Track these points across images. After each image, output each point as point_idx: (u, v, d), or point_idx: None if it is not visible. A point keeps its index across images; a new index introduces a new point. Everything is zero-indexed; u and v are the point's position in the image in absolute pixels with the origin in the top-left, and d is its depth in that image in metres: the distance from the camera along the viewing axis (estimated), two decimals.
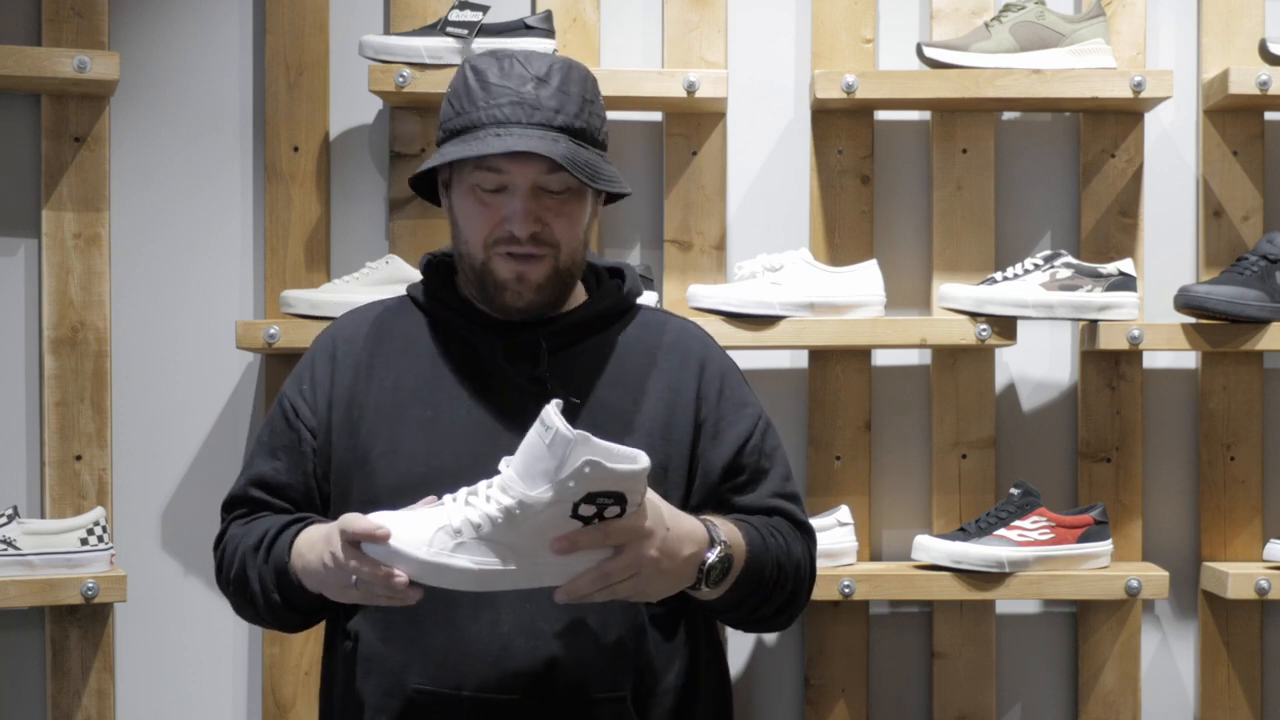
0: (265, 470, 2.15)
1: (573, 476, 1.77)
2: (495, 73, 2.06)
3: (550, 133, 2.03)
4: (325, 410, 2.14)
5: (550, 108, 2.04)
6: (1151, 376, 3.11)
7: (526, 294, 2.08)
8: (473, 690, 2.02)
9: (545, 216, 2.06)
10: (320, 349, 2.19)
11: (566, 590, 1.85)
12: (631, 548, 1.85)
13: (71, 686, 2.97)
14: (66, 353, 3.00)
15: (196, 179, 3.10)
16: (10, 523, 2.83)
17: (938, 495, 3.08)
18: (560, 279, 2.10)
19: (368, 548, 1.85)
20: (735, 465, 2.15)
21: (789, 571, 2.11)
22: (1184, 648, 3.12)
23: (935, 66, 2.97)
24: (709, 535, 1.97)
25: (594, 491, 1.79)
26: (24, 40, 3.01)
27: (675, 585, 1.94)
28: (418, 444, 2.08)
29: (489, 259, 2.08)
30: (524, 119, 2.03)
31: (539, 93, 2.04)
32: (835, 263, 3.05)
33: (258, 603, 2.08)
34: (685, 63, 3.07)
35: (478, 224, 2.08)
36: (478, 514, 1.82)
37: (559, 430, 1.76)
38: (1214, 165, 3.09)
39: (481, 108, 2.05)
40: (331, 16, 3.08)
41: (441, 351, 2.13)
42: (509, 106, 2.04)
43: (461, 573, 1.82)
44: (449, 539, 1.82)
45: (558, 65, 2.08)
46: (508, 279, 2.07)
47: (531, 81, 2.05)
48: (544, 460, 1.78)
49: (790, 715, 3.11)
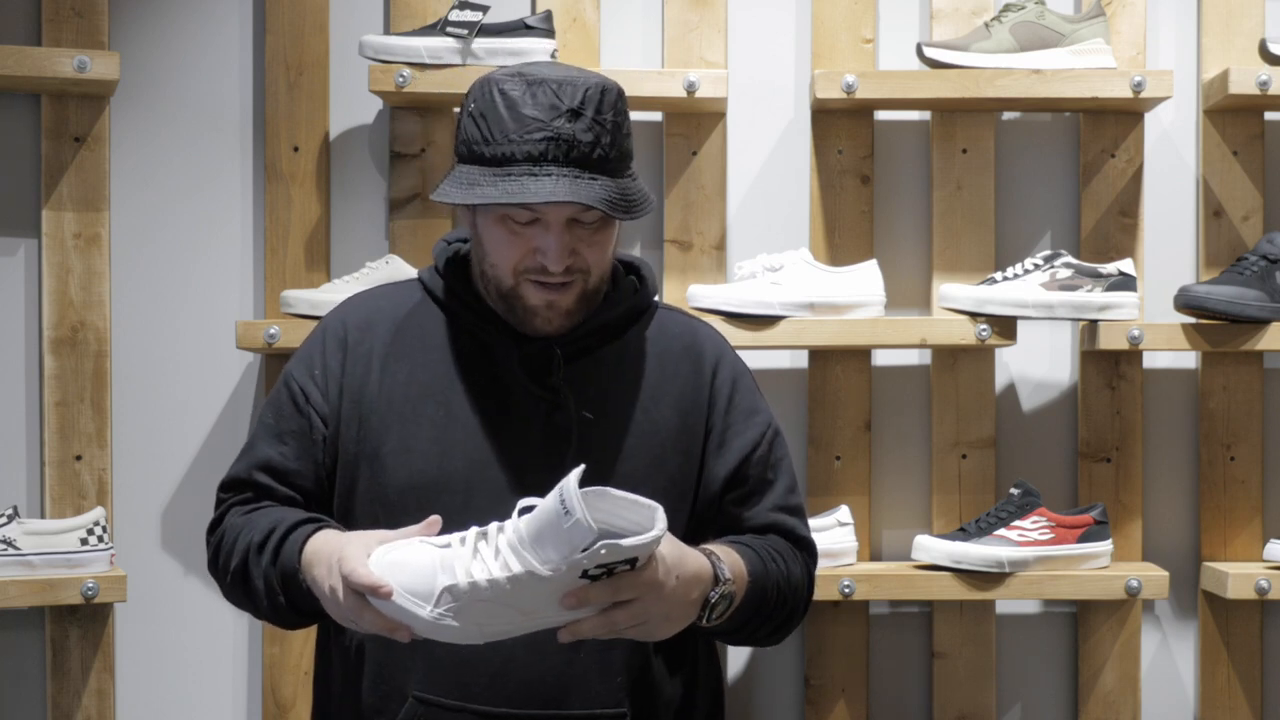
0: (272, 455, 2.11)
1: (588, 557, 1.74)
2: (528, 101, 1.98)
3: (586, 173, 1.98)
4: (336, 398, 2.10)
5: (586, 143, 1.98)
6: (1151, 376, 3.11)
7: (556, 320, 2.06)
8: (473, 701, 2.01)
9: (578, 247, 2.03)
10: (331, 333, 2.14)
11: (570, 631, 1.83)
12: (640, 600, 1.83)
13: (71, 686, 2.97)
14: (66, 353, 3.00)
15: (196, 179, 3.10)
16: (10, 523, 2.83)
17: (938, 495, 3.08)
18: (588, 300, 2.08)
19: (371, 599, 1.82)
20: (739, 476, 2.13)
21: (788, 595, 2.11)
22: (1184, 648, 3.12)
23: (935, 66, 2.97)
24: (714, 574, 1.95)
25: (605, 563, 1.77)
26: (24, 40, 3.01)
27: (679, 626, 1.93)
28: (429, 444, 2.06)
29: (518, 284, 2.04)
30: (560, 157, 1.97)
31: (574, 127, 1.97)
32: (835, 263, 3.05)
33: (259, 601, 2.04)
34: (685, 63, 3.07)
35: (507, 252, 2.03)
36: (484, 574, 1.77)
37: (579, 520, 1.72)
38: (1214, 165, 3.09)
39: (514, 141, 1.98)
40: (331, 16, 3.08)
41: (457, 350, 2.11)
42: (543, 143, 1.97)
43: (465, 632, 1.80)
44: (452, 600, 1.78)
45: (591, 92, 1.99)
46: (538, 306, 2.04)
47: (565, 116, 1.97)
48: (559, 538, 1.74)
49: (790, 715, 3.11)
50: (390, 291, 2.20)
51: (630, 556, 1.76)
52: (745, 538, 2.11)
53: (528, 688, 2.00)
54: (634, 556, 1.77)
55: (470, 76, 2.90)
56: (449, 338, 2.12)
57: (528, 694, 2.00)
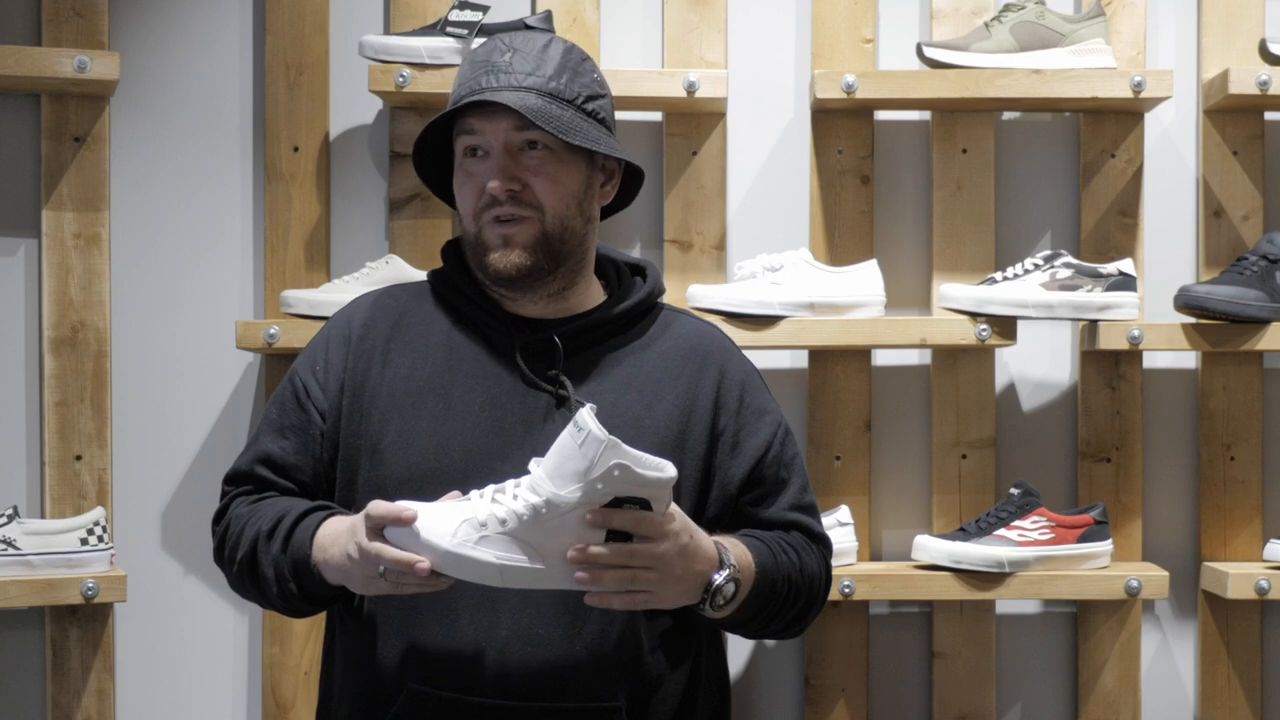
0: (273, 449, 2.13)
1: (602, 479, 1.80)
2: (482, 52, 2.11)
3: (519, 92, 2.06)
4: (336, 393, 2.12)
5: (522, 71, 2.07)
6: (1151, 376, 3.11)
7: (512, 256, 2.08)
8: (469, 694, 2.01)
9: (524, 176, 2.07)
10: (336, 330, 2.17)
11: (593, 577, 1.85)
12: (656, 540, 1.86)
13: (71, 686, 2.97)
14: (66, 353, 3.00)
15: (196, 179, 3.10)
16: (10, 523, 2.83)
17: (938, 495, 3.08)
18: (549, 244, 2.09)
19: (391, 533, 1.86)
20: (754, 478, 2.14)
21: (801, 588, 2.11)
22: (1184, 648, 3.12)
23: (935, 66, 2.97)
24: (719, 558, 1.97)
25: (621, 496, 1.82)
26: (24, 40, 3.01)
27: (683, 598, 1.94)
28: (428, 437, 2.07)
29: (480, 229, 2.09)
30: (495, 84, 2.07)
31: (512, 60, 2.08)
32: (835, 263, 3.05)
33: (268, 589, 2.06)
34: (685, 63, 3.07)
35: (466, 194, 2.11)
36: (504, 510, 1.84)
37: (592, 432, 1.79)
38: (1214, 165, 3.09)
39: (464, 82, 2.10)
40: (331, 16, 3.08)
41: (457, 343, 2.12)
42: (484, 76, 2.08)
43: (484, 566, 1.84)
44: (473, 531, 1.84)
45: (541, 40, 2.12)
46: (494, 242, 2.08)
47: (509, 53, 2.09)
48: (574, 461, 1.81)
49: (790, 715, 3.11)
50: (397, 290, 2.23)
51: (643, 496, 1.83)
52: (756, 531, 2.12)
53: (523, 680, 2.01)
54: (647, 499, 1.84)
55: None
56: (450, 331, 2.14)
57: (523, 686, 2.01)
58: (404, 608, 2.04)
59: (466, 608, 2.01)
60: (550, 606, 2.01)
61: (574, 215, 2.11)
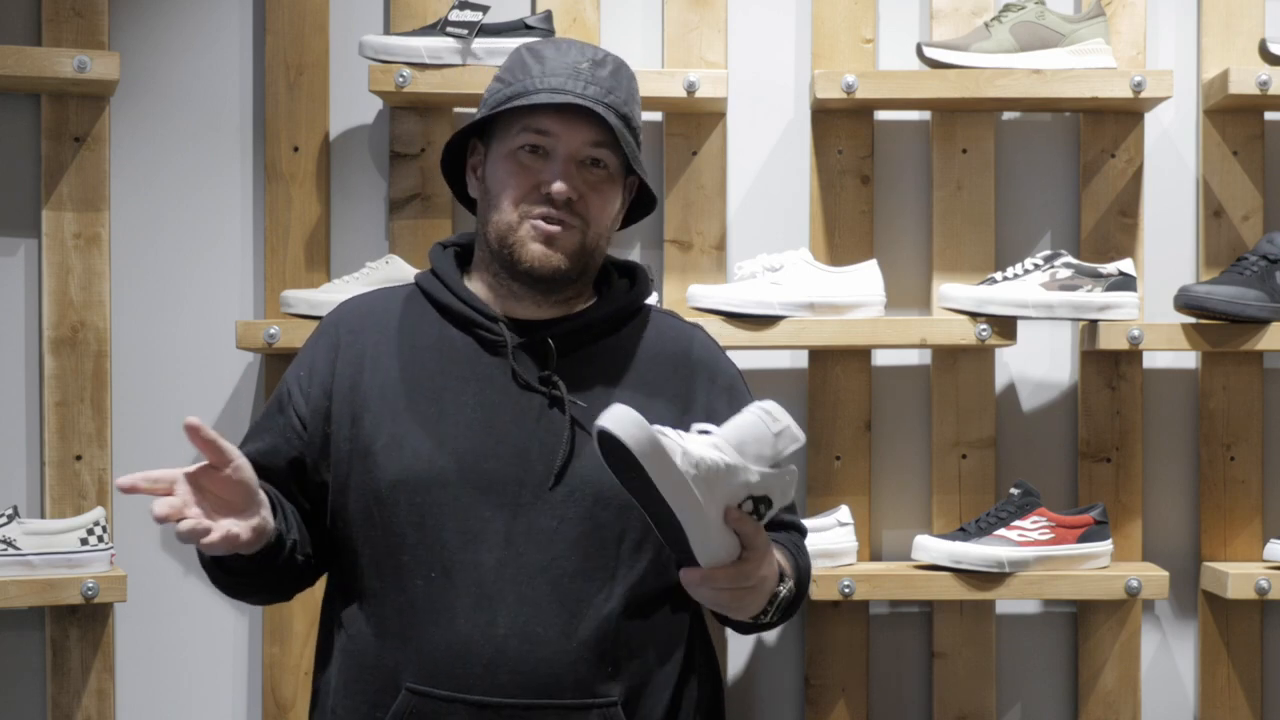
0: (249, 450, 2.13)
1: (776, 472, 1.85)
2: (551, 51, 2.10)
3: (602, 106, 2.07)
4: (322, 400, 2.13)
5: (605, 85, 2.09)
6: (1151, 376, 3.11)
7: (554, 259, 2.08)
8: (466, 693, 2.02)
9: (582, 190, 2.09)
10: (324, 335, 2.18)
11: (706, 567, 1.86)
12: (758, 558, 1.90)
13: (71, 686, 2.97)
14: (66, 353, 3.00)
15: (196, 179, 3.10)
16: (10, 523, 2.83)
17: (938, 495, 3.08)
18: (584, 255, 2.11)
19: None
20: None
21: (807, 587, 2.18)
22: (1184, 648, 3.12)
23: (935, 66, 2.97)
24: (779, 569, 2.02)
25: (766, 494, 1.87)
26: (24, 40, 3.01)
27: (754, 607, 1.98)
28: (421, 440, 2.07)
29: (519, 221, 2.08)
30: (579, 89, 2.07)
31: (595, 72, 2.08)
32: (835, 263, 3.05)
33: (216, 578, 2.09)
34: (685, 63, 3.07)
35: (513, 184, 2.09)
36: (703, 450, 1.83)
37: (789, 428, 1.86)
38: (1214, 165, 3.09)
39: (535, 76, 2.08)
40: (331, 16, 3.08)
41: (448, 345, 2.12)
42: (565, 77, 2.07)
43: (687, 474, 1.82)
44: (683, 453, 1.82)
45: (612, 57, 2.13)
46: (537, 239, 2.08)
47: (588, 62, 2.09)
48: (762, 446, 1.85)
49: (790, 715, 3.11)
50: (385, 293, 2.23)
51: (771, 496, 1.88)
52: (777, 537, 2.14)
53: (520, 678, 2.01)
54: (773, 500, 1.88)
55: (470, 77, 2.90)
56: (441, 333, 2.14)
57: (520, 684, 2.01)
58: (402, 608, 2.04)
59: (464, 607, 2.02)
60: (547, 605, 2.02)
61: (606, 233, 2.15)
